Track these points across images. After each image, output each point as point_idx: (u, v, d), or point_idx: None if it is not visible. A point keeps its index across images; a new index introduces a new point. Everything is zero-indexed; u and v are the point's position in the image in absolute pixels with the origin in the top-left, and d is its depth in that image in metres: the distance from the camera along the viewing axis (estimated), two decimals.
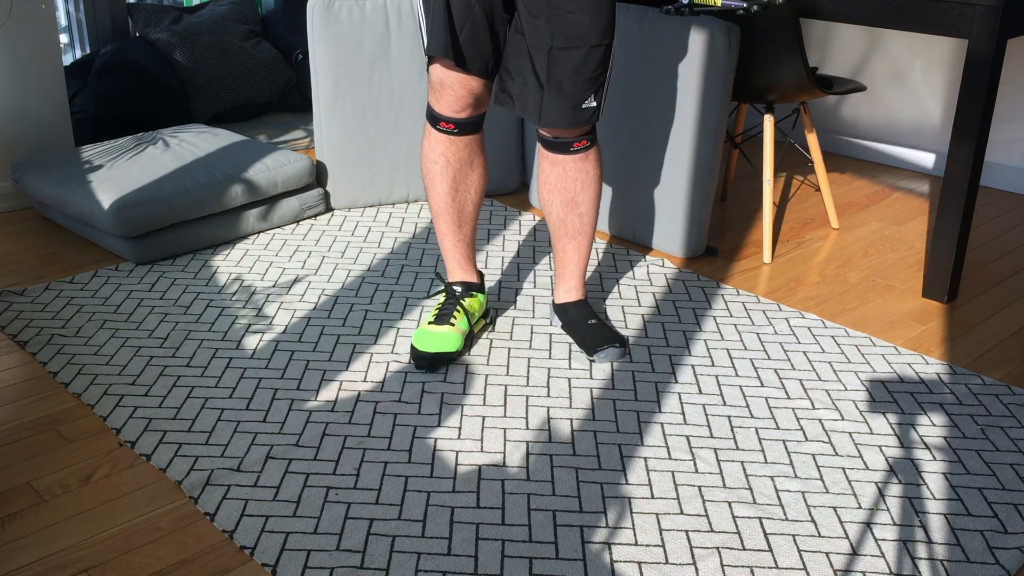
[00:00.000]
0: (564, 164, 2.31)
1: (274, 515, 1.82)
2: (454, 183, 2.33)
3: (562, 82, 2.17)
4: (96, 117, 3.75)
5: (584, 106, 2.21)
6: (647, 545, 1.76)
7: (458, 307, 2.39)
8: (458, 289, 2.43)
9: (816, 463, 2.00)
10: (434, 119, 2.28)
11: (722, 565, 1.71)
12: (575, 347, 2.42)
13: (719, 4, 1.84)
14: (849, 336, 2.51)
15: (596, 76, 2.19)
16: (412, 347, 2.33)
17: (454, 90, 2.21)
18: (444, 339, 2.32)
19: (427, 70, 2.25)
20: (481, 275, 2.50)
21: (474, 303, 2.43)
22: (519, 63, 2.22)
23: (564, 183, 2.32)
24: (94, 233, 2.95)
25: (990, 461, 2.02)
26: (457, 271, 2.45)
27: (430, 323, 2.37)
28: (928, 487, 1.93)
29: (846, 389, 2.27)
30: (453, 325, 2.35)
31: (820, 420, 2.15)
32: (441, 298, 2.44)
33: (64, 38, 4.21)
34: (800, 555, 1.74)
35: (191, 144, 3.17)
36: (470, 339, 2.44)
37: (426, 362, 2.30)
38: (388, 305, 2.63)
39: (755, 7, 1.85)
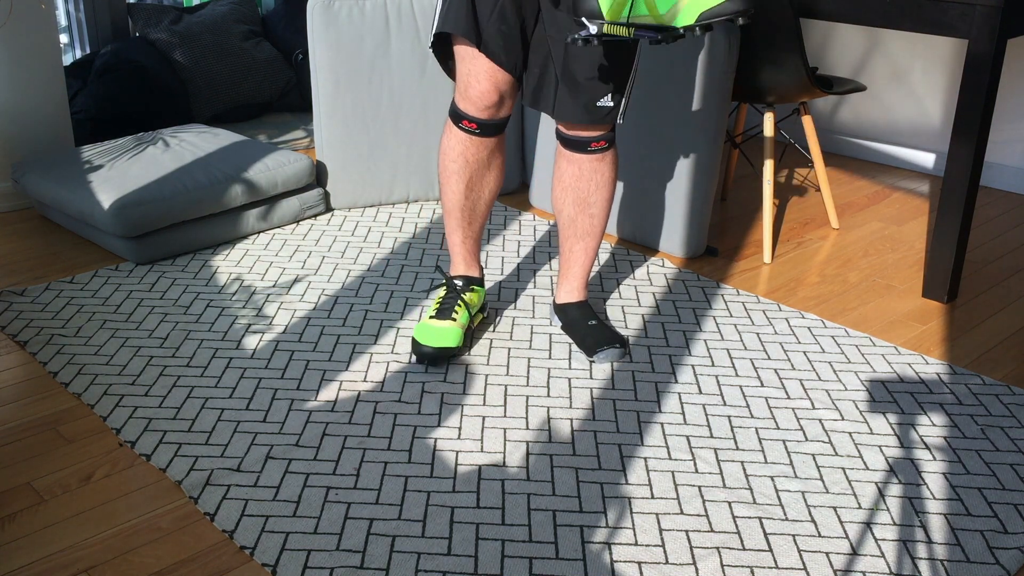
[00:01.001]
0: (580, 163, 2.29)
1: (274, 515, 1.82)
2: (470, 183, 2.31)
3: (576, 76, 2.14)
4: (96, 117, 3.75)
5: (599, 104, 2.18)
6: (647, 545, 1.76)
7: (459, 302, 2.39)
8: (459, 283, 2.43)
9: (816, 463, 2.00)
10: (457, 116, 2.24)
11: (722, 565, 1.72)
12: (575, 347, 2.42)
13: (631, 35, 1.76)
14: (849, 336, 2.51)
15: (615, 75, 2.16)
16: (414, 340, 2.33)
17: (479, 82, 2.16)
18: (446, 334, 2.32)
19: (445, 67, 2.23)
20: (482, 270, 2.51)
21: (473, 297, 2.44)
22: (538, 54, 2.18)
23: (579, 183, 2.31)
24: (94, 233, 2.95)
25: (990, 461, 2.02)
26: (461, 265, 2.45)
27: (432, 317, 2.37)
28: (928, 487, 1.93)
29: (846, 389, 2.27)
30: (455, 320, 2.35)
31: (820, 420, 2.15)
32: (442, 292, 2.43)
33: (64, 38, 4.21)
34: (800, 555, 1.74)
35: (191, 144, 3.17)
36: (469, 332, 2.44)
37: (428, 357, 2.30)
38: (388, 305, 2.63)
39: (670, 38, 1.76)
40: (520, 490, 1.90)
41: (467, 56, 2.16)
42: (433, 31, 2.18)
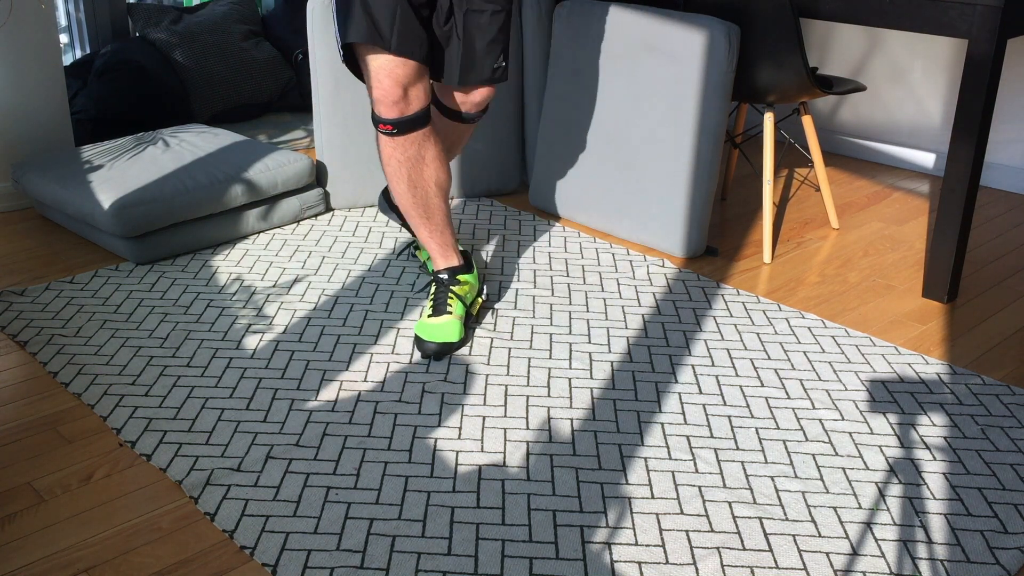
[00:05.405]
0: (463, 130, 2.59)
1: (274, 515, 1.82)
2: (411, 181, 2.40)
3: (476, 44, 2.33)
4: (96, 117, 3.75)
5: (495, 65, 2.39)
6: (647, 545, 1.76)
7: (450, 294, 2.44)
8: (444, 276, 2.47)
9: (816, 463, 2.00)
10: (375, 122, 2.35)
11: (722, 565, 1.72)
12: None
13: None
14: (849, 336, 2.51)
15: (503, 41, 2.39)
16: (416, 338, 2.37)
17: (380, 81, 2.26)
18: (444, 329, 2.37)
19: (360, 77, 2.34)
20: (466, 255, 2.56)
21: (463, 287, 2.48)
22: (438, 35, 2.34)
23: (448, 139, 2.58)
24: (94, 233, 2.95)
25: (990, 461, 2.02)
26: (439, 259, 2.51)
27: (429, 316, 2.41)
28: (928, 487, 1.93)
29: (846, 389, 2.27)
30: (451, 312, 2.40)
31: (820, 420, 2.15)
32: (433, 288, 2.49)
33: (64, 38, 4.21)
34: (800, 555, 1.74)
35: (191, 144, 3.17)
36: (468, 321, 2.48)
37: (432, 352, 2.34)
38: (388, 305, 2.63)
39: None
40: (520, 490, 1.90)
41: (368, 60, 2.26)
42: (340, 45, 2.27)
